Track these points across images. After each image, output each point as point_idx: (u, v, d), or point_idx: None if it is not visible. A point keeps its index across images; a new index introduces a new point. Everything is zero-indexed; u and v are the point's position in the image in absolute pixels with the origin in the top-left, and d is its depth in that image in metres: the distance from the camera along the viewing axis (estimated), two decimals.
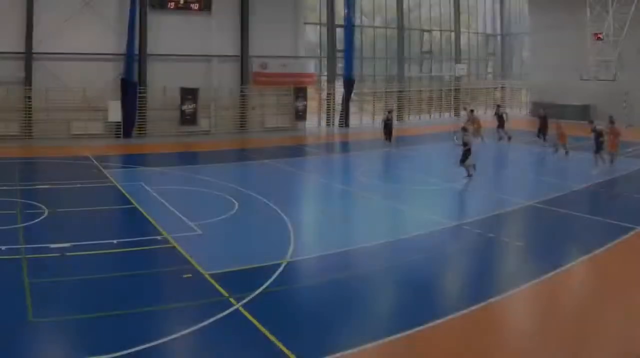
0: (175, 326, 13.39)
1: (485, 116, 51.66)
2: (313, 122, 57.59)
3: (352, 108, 59.63)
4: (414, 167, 29.41)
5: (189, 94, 49.78)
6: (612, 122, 35.59)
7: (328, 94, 58.91)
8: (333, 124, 58.67)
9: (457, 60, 68.54)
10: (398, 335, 13.04)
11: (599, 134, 33.79)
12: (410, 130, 56.15)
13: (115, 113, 46.89)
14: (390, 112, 46.72)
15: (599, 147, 33.70)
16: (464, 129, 31.73)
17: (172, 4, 49.39)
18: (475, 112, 48.49)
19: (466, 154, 30.58)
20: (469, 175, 30.26)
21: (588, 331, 13.95)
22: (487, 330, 13.78)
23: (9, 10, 43.79)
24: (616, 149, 34.71)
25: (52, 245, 18.63)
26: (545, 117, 43.49)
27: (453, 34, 68.77)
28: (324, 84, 59.18)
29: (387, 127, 42.62)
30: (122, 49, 47.08)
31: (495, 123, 46.69)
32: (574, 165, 35.34)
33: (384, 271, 17.80)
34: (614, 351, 13.18)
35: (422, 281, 16.88)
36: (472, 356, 12.56)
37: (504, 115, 46.61)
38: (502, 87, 73.02)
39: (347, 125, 57.95)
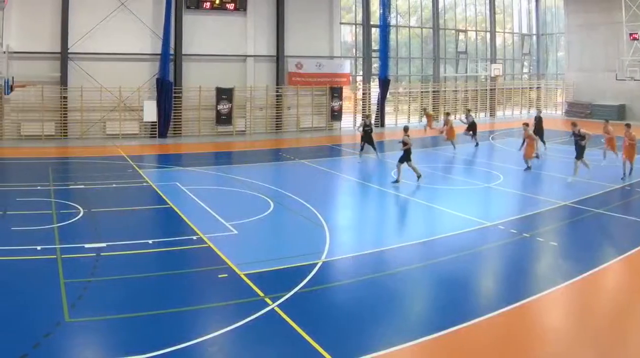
0: (210, 326, 13.19)
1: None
2: (348, 122, 56.14)
3: (388, 108, 58.37)
4: (450, 167, 28.06)
5: (224, 93, 48.80)
6: (628, 126, 31.15)
7: (363, 93, 57.30)
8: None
9: (493, 60, 66.62)
10: (433, 335, 12.78)
11: (581, 137, 29.37)
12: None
13: (150, 113, 46.13)
14: (367, 117, 44.28)
15: (579, 153, 29.38)
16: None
17: (208, 3, 48.41)
18: (450, 116, 44.82)
19: (407, 154, 28.92)
20: (419, 176, 28.82)
21: (623, 332, 13.61)
22: (521, 331, 13.47)
23: (44, 10, 43.22)
24: (632, 158, 29.98)
25: (88, 245, 18.36)
26: (540, 119, 40.17)
27: (488, 34, 67.08)
28: (359, 84, 57.71)
29: (367, 134, 37.95)
30: (158, 49, 46.36)
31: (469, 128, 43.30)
32: (609, 165, 32.96)
33: (419, 271, 17.41)
34: None
35: (457, 281, 16.46)
36: (507, 356, 12.30)
37: (470, 120, 43.02)
38: (537, 87, 71.03)
39: (382, 125, 56.49)
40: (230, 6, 49.21)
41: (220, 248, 18.33)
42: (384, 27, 55.45)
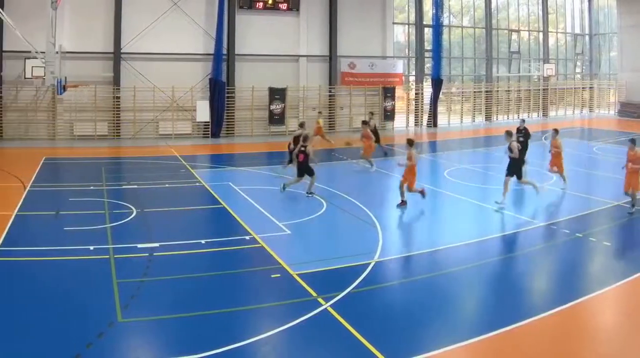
0: (263, 326, 12.79)
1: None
2: (401, 122, 54.25)
3: (440, 108, 55.82)
4: (502, 167, 26.28)
5: (277, 93, 47.24)
6: (632, 141, 22.77)
7: (416, 93, 55.32)
8: (421, 124, 55.07)
9: (545, 60, 63.57)
10: (486, 335, 12.32)
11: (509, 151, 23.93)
12: (499, 130, 50.88)
13: (203, 113, 44.77)
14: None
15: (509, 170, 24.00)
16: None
17: (261, 3, 46.82)
18: (371, 124, 35.16)
19: (301, 166, 25.50)
20: (310, 193, 25.23)
21: None
22: (574, 331, 13.00)
23: (97, 10, 42.25)
24: (632, 188, 22.51)
25: (140, 245, 17.92)
26: (526, 130, 31.14)
27: (541, 34, 63.94)
28: (412, 84, 55.74)
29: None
30: (211, 49, 44.85)
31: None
32: None
33: (472, 271, 16.68)
34: None
35: (510, 281, 16.07)
36: (560, 356, 11.77)
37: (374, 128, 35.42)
38: (590, 88, 67.83)
39: (435, 125, 54.43)
40: (283, 6, 47.60)
41: (273, 248, 17.78)
42: (437, 27, 53.31)
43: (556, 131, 27.24)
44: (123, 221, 20.80)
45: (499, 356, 11.79)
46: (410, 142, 24.07)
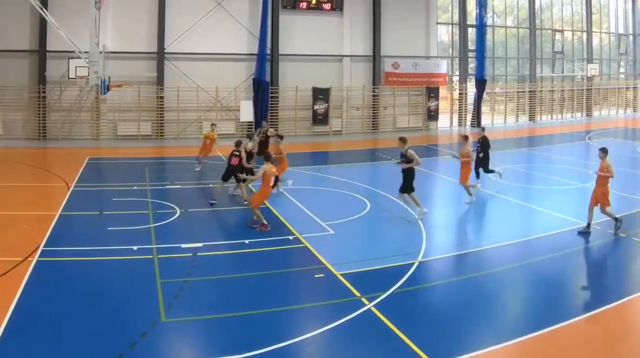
0: (307, 326, 12.43)
1: None
2: (445, 122, 52.03)
3: (484, 108, 53.51)
4: (546, 167, 25.38)
5: (320, 93, 45.44)
6: (604, 151, 19.06)
7: (460, 94, 53.04)
8: (465, 124, 52.73)
9: (589, 60, 60.54)
10: (530, 335, 11.92)
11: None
12: (543, 130, 50.47)
13: (247, 113, 43.17)
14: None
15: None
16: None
17: (304, 3, 45.16)
18: (276, 138, 26.88)
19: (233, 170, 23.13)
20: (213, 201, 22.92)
21: None
22: (618, 331, 12.55)
23: (141, 10, 41.21)
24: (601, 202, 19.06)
25: (184, 245, 17.42)
26: (485, 139, 26.63)
27: (585, 34, 61.02)
28: (456, 84, 53.48)
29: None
30: (254, 49, 43.24)
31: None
32: None
33: (516, 270, 16.24)
34: None
35: (554, 280, 15.33)
36: (604, 356, 11.40)
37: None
38: (633, 88, 64.77)
39: (478, 125, 50.62)
40: (327, 6, 45.76)
41: (316, 248, 17.26)
42: (481, 27, 50.86)
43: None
44: (167, 221, 20.23)
45: (543, 355, 11.35)
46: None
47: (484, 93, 52.34)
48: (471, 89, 52.99)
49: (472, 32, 52.98)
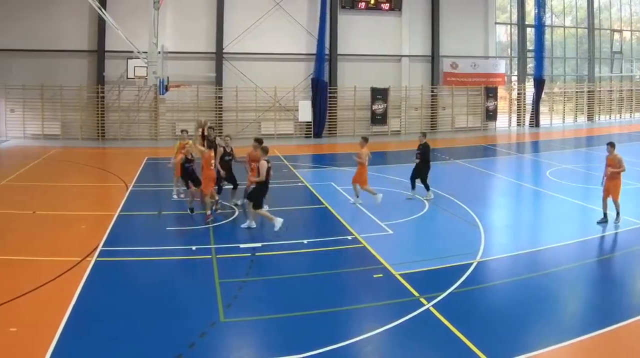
0: (365, 326, 11.61)
1: None
2: (503, 122, 49.02)
3: (542, 108, 50.60)
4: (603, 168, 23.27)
5: (379, 93, 42.84)
6: (612, 145, 19.37)
7: (518, 93, 49.86)
8: (523, 124, 49.67)
9: None
10: (590, 335, 11.05)
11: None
12: (601, 130, 47.30)
13: (305, 113, 41.10)
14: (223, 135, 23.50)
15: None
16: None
17: (363, 3, 42.59)
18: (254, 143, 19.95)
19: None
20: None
21: None
22: None
23: (199, 11, 39.46)
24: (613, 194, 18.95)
25: (243, 245, 16.79)
26: (426, 145, 22.51)
27: None
28: (514, 84, 50.29)
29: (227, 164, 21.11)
30: (312, 49, 41.17)
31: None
32: None
33: (575, 270, 15.26)
34: None
35: (613, 280, 14.63)
36: None
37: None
38: None
39: (537, 125, 49.23)
40: (385, 6, 43.07)
41: (375, 248, 16.39)
42: (539, 27, 48.14)
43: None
44: (225, 221, 19.31)
45: (603, 356, 10.71)
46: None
47: (542, 93, 49.69)
48: (529, 88, 50.17)
49: (530, 32, 50.03)
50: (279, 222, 17.76)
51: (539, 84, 48.74)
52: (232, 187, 21.02)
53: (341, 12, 42.22)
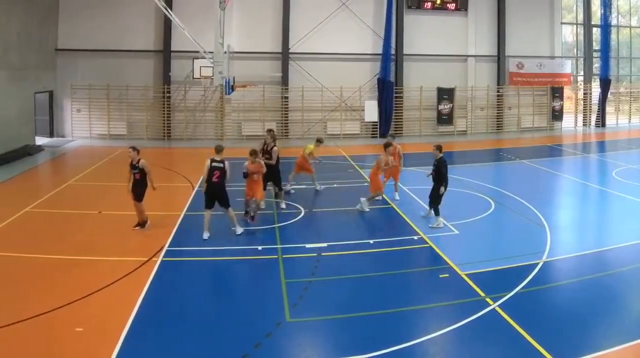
0: (431, 326, 11.14)
1: None
2: (569, 122, 45.53)
3: (609, 108, 46.85)
4: None
5: (445, 93, 39.80)
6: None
7: (584, 93, 46.11)
8: (589, 124, 46.06)
9: None
10: None
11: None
12: None
13: (371, 113, 38.37)
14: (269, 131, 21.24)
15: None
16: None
17: (429, 3, 39.59)
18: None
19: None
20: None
21: None
22: None
23: (265, 11, 37.35)
24: None
25: (309, 245, 15.99)
26: (442, 162, 18.36)
27: None
28: (580, 84, 46.56)
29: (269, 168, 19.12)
30: (378, 49, 38.41)
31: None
32: None
33: None
34: None
35: None
36: None
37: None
38: None
39: (603, 125, 45.55)
40: (451, 6, 40.00)
41: (441, 248, 15.78)
42: (605, 27, 44.40)
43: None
44: (291, 221, 18.67)
45: None
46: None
47: (609, 93, 46.02)
48: (595, 88, 46.49)
49: (596, 32, 46.10)
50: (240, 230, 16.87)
51: (605, 84, 45.11)
52: (277, 188, 20.03)
53: (407, 12, 39.45)
